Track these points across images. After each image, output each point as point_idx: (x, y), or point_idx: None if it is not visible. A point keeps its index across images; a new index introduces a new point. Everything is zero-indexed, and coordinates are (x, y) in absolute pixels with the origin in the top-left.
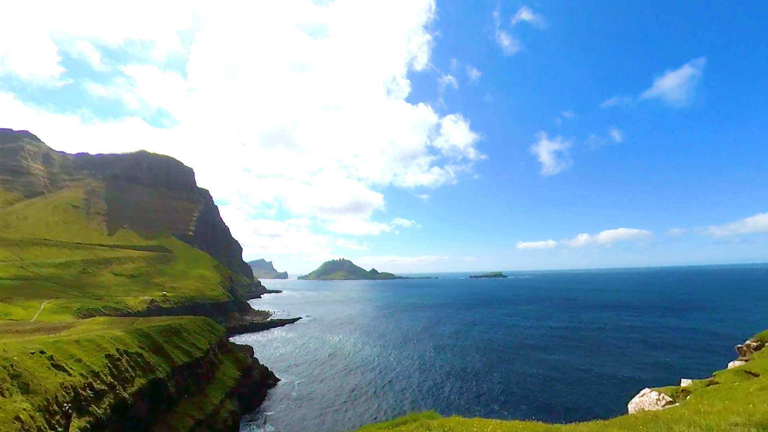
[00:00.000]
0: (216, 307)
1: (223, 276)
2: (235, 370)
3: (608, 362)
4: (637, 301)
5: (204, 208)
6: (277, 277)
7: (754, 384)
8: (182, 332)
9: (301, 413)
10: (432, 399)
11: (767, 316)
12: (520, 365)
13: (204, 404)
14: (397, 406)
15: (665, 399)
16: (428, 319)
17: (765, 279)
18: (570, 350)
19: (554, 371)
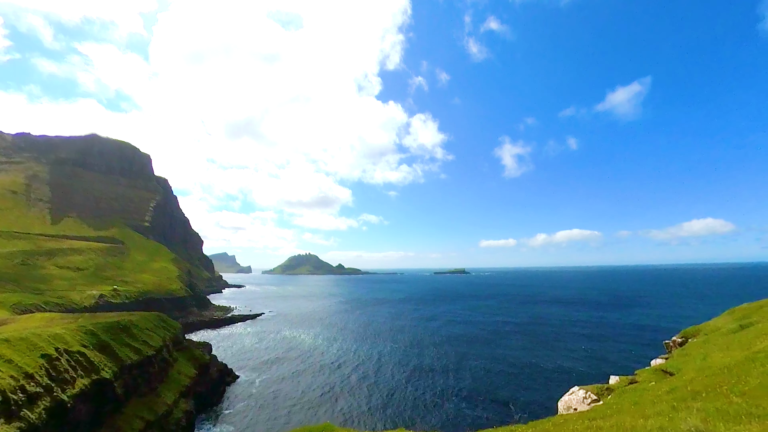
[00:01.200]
0: (173, 303)
1: (181, 270)
2: (191, 368)
3: (551, 356)
4: (586, 297)
5: (162, 198)
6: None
7: (665, 385)
8: (132, 329)
9: (260, 411)
10: (382, 396)
11: (697, 313)
12: (469, 359)
13: (155, 404)
14: (355, 403)
15: (591, 397)
16: (389, 314)
17: (698, 278)
18: (518, 344)
19: (499, 365)
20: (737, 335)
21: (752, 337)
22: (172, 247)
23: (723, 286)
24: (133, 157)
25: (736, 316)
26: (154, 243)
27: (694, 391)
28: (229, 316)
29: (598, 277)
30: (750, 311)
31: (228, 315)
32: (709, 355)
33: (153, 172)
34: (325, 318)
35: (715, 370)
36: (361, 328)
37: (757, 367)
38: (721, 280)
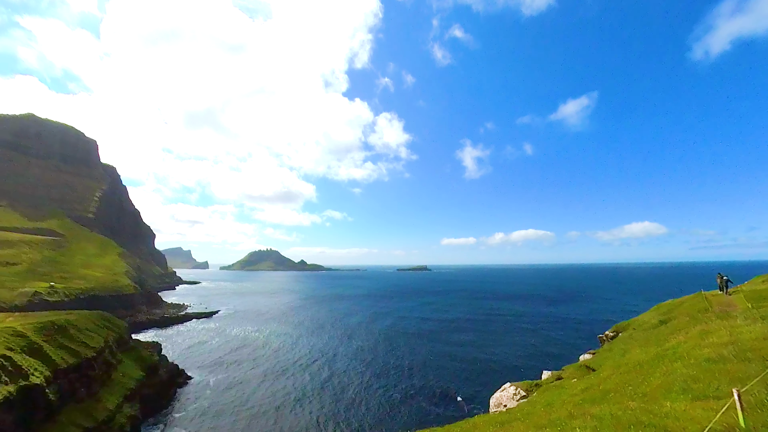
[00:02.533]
0: (119, 300)
1: (129, 265)
2: (137, 370)
3: (497, 351)
4: (536, 293)
5: (109, 188)
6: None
7: (583, 383)
8: (70, 329)
9: (214, 413)
10: (335, 396)
11: (632, 307)
12: (418, 355)
13: (95, 410)
14: (308, 402)
15: (520, 393)
16: (348, 310)
17: (636, 276)
18: (467, 339)
19: (446, 360)
20: (656, 331)
21: (668, 332)
22: (119, 241)
23: (655, 283)
24: (77, 142)
25: (660, 311)
26: (99, 236)
27: (604, 390)
28: (182, 314)
29: (550, 275)
30: (673, 307)
31: (181, 313)
32: (629, 351)
33: (99, 159)
34: (284, 315)
35: (629, 367)
36: (319, 325)
37: (663, 365)
38: (654, 277)
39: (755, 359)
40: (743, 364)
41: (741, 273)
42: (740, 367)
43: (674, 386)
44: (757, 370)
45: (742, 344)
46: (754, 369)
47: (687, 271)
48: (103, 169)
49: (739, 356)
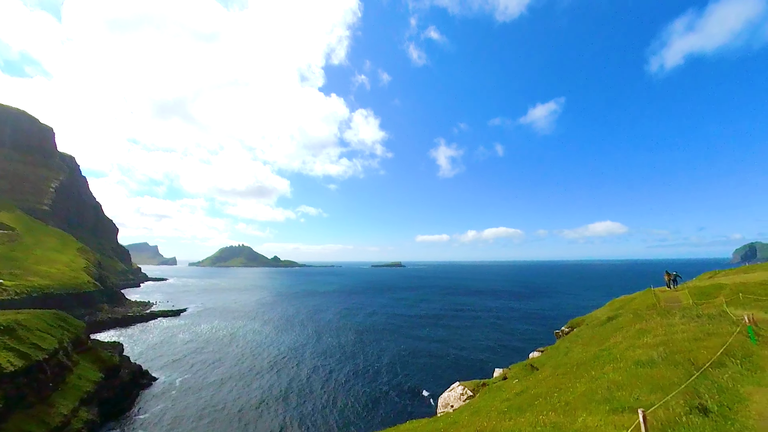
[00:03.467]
0: (78, 299)
1: (89, 261)
2: (95, 372)
3: (460, 346)
4: (504, 289)
5: (67, 178)
6: (163, 263)
7: (519, 385)
8: (18, 330)
9: (179, 415)
10: (300, 395)
11: (590, 303)
12: (384, 351)
13: (47, 416)
14: (275, 401)
15: (467, 393)
16: (319, 306)
17: (598, 272)
18: (432, 335)
19: (409, 357)
20: (602, 328)
21: (611, 330)
22: (79, 235)
23: (615, 279)
24: (31, 129)
25: (613, 307)
26: (55, 230)
27: (535, 395)
28: (147, 312)
29: (519, 271)
30: (624, 302)
31: (146, 311)
32: (572, 350)
33: (56, 148)
34: (255, 312)
35: (566, 368)
36: (289, 321)
37: (595, 368)
38: (615, 274)
39: (682, 363)
40: (670, 369)
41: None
42: (666, 373)
43: (597, 394)
44: (681, 378)
45: (674, 345)
46: (678, 376)
47: (644, 267)
48: (60, 159)
49: (668, 359)
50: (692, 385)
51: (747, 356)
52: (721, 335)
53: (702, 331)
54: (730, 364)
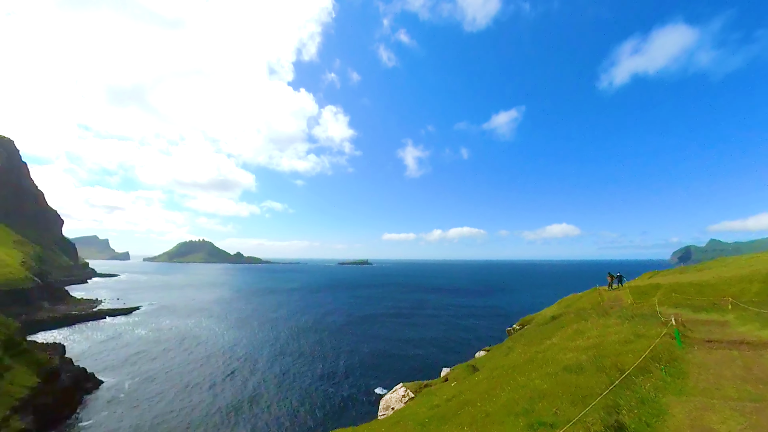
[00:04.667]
0: (12, 296)
1: (27, 255)
2: (30, 376)
3: (414, 343)
4: (465, 286)
5: (3, 164)
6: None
7: (454, 389)
8: None
9: (127, 420)
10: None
11: (545, 300)
12: (337, 349)
13: None
14: (226, 403)
15: (409, 395)
16: (279, 303)
17: (555, 271)
18: (388, 332)
19: (361, 356)
20: (545, 327)
21: (553, 330)
22: (16, 226)
23: (569, 278)
24: None
25: (561, 306)
26: None
27: (463, 402)
28: (94, 310)
29: (481, 269)
30: (571, 301)
31: (93, 309)
32: (513, 350)
33: None
34: (213, 310)
35: (501, 371)
36: (246, 319)
37: (527, 371)
38: (569, 273)
39: (609, 369)
40: (596, 375)
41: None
42: (591, 381)
43: (519, 405)
44: (604, 387)
45: (605, 348)
46: (602, 384)
47: (594, 267)
48: None
49: (596, 364)
50: (613, 397)
51: (672, 360)
52: (650, 338)
53: (633, 333)
54: (654, 370)
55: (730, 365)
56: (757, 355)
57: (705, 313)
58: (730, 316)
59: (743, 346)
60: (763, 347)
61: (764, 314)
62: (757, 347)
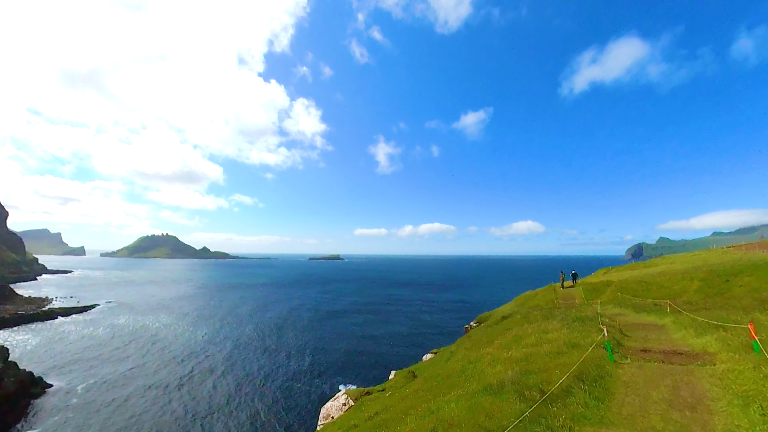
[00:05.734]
0: None
1: None
2: None
3: (374, 341)
4: (433, 281)
5: None
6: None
7: (380, 402)
8: None
9: (79, 427)
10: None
11: (506, 296)
12: (295, 347)
13: None
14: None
15: (350, 403)
16: (245, 299)
17: (520, 267)
18: (351, 328)
19: (318, 355)
20: (492, 329)
21: (498, 332)
22: None
23: (531, 273)
24: None
25: (517, 303)
26: None
27: (380, 423)
28: (44, 309)
29: (450, 265)
30: (527, 298)
31: (43, 309)
32: (456, 354)
33: None
34: (174, 307)
35: (433, 382)
36: (210, 317)
37: (453, 385)
38: (531, 268)
39: (532, 389)
40: (513, 400)
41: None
42: (506, 406)
43: None
44: (516, 415)
45: (535, 361)
46: (516, 412)
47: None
48: None
49: (519, 383)
50: (523, 431)
51: (599, 378)
52: (584, 348)
53: (569, 342)
54: (578, 391)
55: (659, 384)
56: (686, 372)
57: (646, 314)
58: (668, 320)
59: (675, 357)
60: (693, 359)
61: (698, 320)
62: (688, 359)
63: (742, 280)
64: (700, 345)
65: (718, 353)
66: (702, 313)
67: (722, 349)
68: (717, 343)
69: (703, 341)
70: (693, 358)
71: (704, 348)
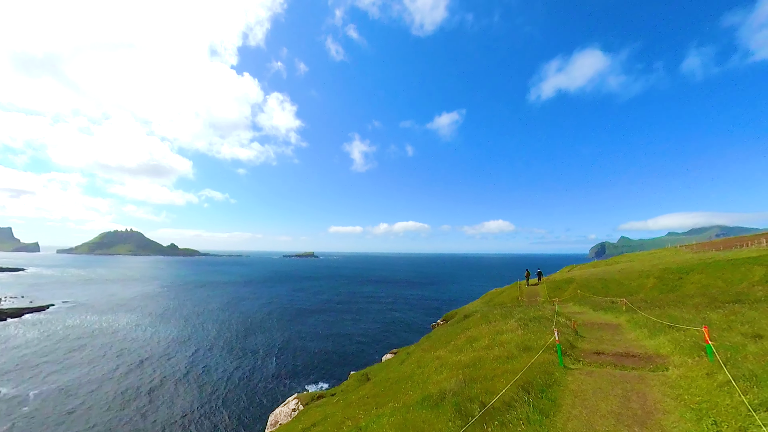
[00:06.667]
0: None
1: None
2: None
3: (338, 340)
4: (405, 278)
5: None
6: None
7: (323, 412)
8: None
9: None
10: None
11: (475, 293)
12: (258, 345)
13: None
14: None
15: (300, 408)
16: (214, 298)
17: (492, 264)
18: (317, 327)
19: (280, 355)
20: (452, 328)
21: (456, 332)
22: None
23: (500, 271)
24: None
25: (483, 300)
26: None
27: None
28: None
29: (424, 262)
30: (493, 296)
31: None
32: (412, 355)
33: None
34: (136, 306)
35: (381, 387)
36: (174, 316)
37: (406, 388)
38: (501, 266)
39: (473, 400)
40: (448, 416)
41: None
42: (440, 424)
43: None
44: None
45: (482, 367)
46: (452, 430)
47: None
48: None
49: (461, 395)
50: None
51: (546, 388)
52: (536, 350)
53: (521, 345)
54: (521, 404)
55: (609, 394)
56: (638, 378)
57: (603, 312)
58: (623, 319)
59: (628, 360)
60: (646, 362)
61: (652, 320)
62: (640, 362)
63: (694, 277)
64: (653, 346)
65: (671, 356)
66: (656, 312)
67: (675, 351)
68: (670, 345)
69: (656, 342)
70: (646, 361)
71: (657, 350)
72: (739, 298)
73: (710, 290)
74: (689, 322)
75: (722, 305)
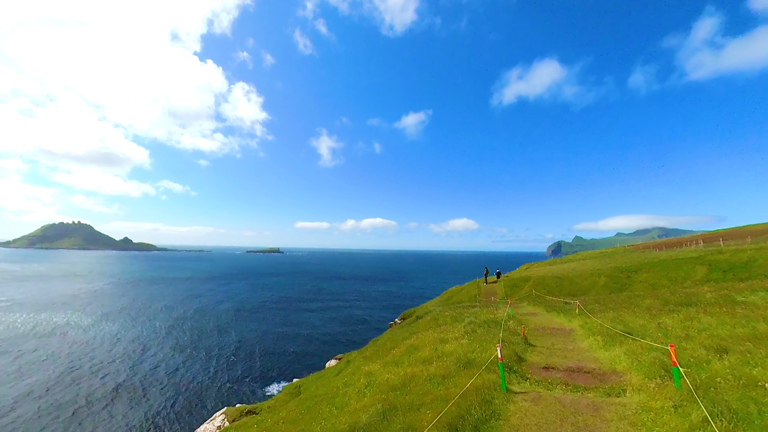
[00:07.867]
0: None
1: None
2: None
3: (292, 340)
4: (370, 275)
5: None
6: None
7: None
8: None
9: None
10: None
11: (438, 289)
12: (207, 347)
13: None
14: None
15: (225, 425)
16: (165, 294)
17: (456, 261)
18: (271, 325)
19: (228, 359)
20: (401, 331)
21: (403, 337)
22: None
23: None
24: None
25: (443, 298)
26: None
27: None
28: None
29: (390, 259)
30: (453, 294)
31: None
32: (350, 364)
33: None
34: (79, 304)
35: (312, 402)
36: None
37: (324, 412)
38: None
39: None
40: None
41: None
42: None
43: None
44: None
45: (411, 390)
46: None
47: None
48: None
49: (386, 419)
50: None
51: (482, 423)
52: (478, 365)
53: (463, 358)
54: None
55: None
56: (592, 408)
57: (556, 314)
58: (576, 323)
59: (581, 377)
60: (600, 381)
61: (606, 327)
62: (594, 380)
63: (641, 276)
64: (608, 359)
65: (628, 373)
66: (610, 315)
67: (632, 366)
68: (626, 359)
69: (611, 354)
70: (600, 379)
71: (612, 365)
72: (691, 300)
73: (658, 289)
74: (644, 330)
75: (675, 308)
